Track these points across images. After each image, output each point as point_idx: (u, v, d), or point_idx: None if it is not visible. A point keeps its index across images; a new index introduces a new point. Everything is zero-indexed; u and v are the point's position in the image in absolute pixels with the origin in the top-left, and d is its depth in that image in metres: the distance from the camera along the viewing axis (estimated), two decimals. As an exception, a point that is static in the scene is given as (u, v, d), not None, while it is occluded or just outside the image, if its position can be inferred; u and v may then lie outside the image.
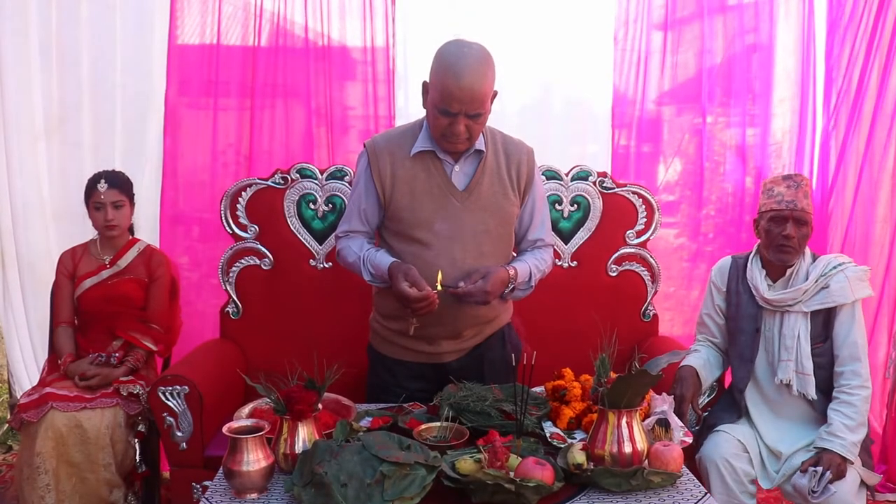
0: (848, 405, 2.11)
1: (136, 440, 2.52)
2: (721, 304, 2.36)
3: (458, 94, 1.95)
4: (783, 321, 2.21)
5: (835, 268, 2.16)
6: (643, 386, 1.65)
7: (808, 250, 2.24)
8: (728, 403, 2.35)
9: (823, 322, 2.18)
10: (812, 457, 2.08)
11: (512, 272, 2.11)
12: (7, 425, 3.40)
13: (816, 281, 2.16)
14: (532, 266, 2.18)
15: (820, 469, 2.00)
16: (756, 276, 2.25)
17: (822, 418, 2.16)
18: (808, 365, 2.17)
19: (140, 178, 3.00)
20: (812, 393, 2.17)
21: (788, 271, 2.21)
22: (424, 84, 2.07)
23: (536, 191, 2.23)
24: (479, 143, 2.11)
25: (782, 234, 2.16)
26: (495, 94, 2.05)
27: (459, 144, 2.06)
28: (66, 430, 2.36)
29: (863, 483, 2.11)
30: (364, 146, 2.20)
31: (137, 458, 2.53)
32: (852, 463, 2.06)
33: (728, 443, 2.18)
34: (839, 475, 2.02)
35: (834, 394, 2.16)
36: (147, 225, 3.01)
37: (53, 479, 2.35)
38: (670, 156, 3.17)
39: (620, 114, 3.10)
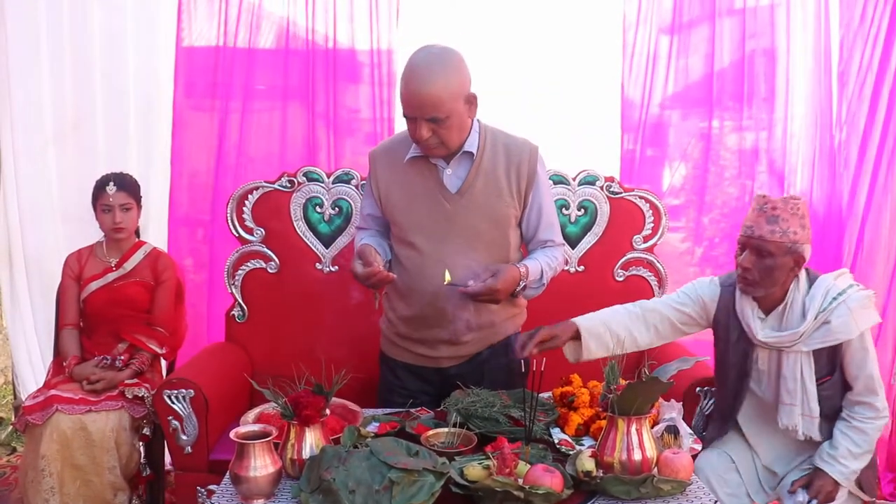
0: (859, 432, 1.94)
1: (141, 443, 2.51)
2: (697, 317, 2.11)
3: (408, 99, 1.95)
4: (781, 360, 1.98)
5: (834, 299, 1.90)
6: (653, 393, 1.64)
7: (803, 275, 1.96)
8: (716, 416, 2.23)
9: (828, 356, 1.95)
10: (804, 476, 1.97)
11: (523, 270, 2.07)
12: (12, 427, 3.39)
13: (816, 317, 1.91)
14: (544, 264, 2.14)
15: (807, 497, 1.92)
16: (747, 311, 2.00)
17: (824, 438, 2.00)
18: (816, 407, 1.95)
19: (153, 182, 3.01)
20: (818, 436, 1.98)
21: (780, 305, 1.97)
22: None
23: (541, 190, 2.16)
24: (470, 145, 2.07)
25: (739, 263, 1.96)
26: (473, 97, 2.01)
27: (433, 150, 2.03)
28: (71, 433, 2.36)
29: (860, 489, 1.99)
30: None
31: (142, 461, 2.52)
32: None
33: (720, 457, 2.08)
34: (828, 500, 1.92)
35: (845, 415, 1.97)
36: (158, 227, 3.02)
37: (58, 481, 2.34)
38: (676, 160, 3.15)
39: (628, 117, 3.08)
